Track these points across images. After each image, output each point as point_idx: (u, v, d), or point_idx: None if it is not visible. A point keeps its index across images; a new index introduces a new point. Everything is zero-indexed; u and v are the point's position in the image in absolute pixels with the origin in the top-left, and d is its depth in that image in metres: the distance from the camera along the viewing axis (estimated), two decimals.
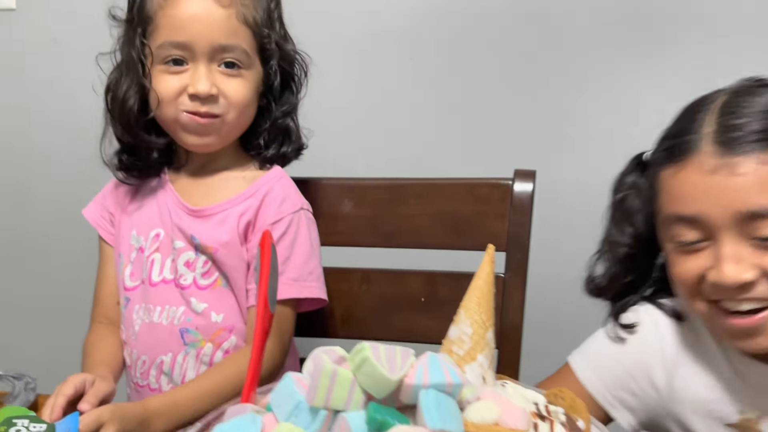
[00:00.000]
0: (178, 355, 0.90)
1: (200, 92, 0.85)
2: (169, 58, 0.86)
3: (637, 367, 0.74)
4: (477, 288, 0.51)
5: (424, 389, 0.42)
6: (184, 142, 0.90)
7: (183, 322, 0.90)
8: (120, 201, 0.98)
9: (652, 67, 1.24)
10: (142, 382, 0.93)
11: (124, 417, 0.73)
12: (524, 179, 0.94)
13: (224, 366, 0.87)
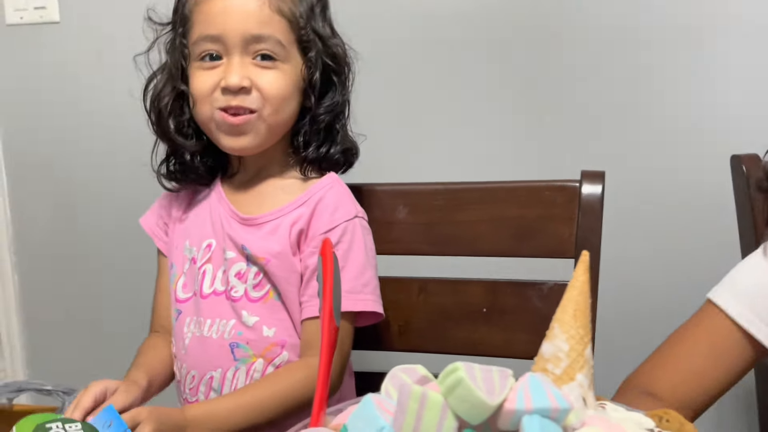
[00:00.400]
0: (228, 371, 0.87)
1: (231, 85, 0.81)
2: (205, 54, 0.84)
3: None
4: (572, 300, 0.46)
5: (527, 415, 0.37)
6: (222, 145, 0.86)
7: (233, 336, 0.87)
8: (174, 210, 0.95)
9: (726, 64, 1.17)
10: (192, 398, 0.90)
11: (161, 419, 0.71)
12: (593, 181, 0.88)
13: (269, 380, 0.83)
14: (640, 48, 1.18)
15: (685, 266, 1.15)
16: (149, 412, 0.70)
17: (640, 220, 1.18)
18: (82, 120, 1.50)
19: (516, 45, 1.23)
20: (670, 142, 1.17)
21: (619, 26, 1.18)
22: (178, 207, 0.95)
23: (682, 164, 1.16)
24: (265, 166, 0.90)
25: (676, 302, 1.15)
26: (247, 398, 0.80)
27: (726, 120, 1.16)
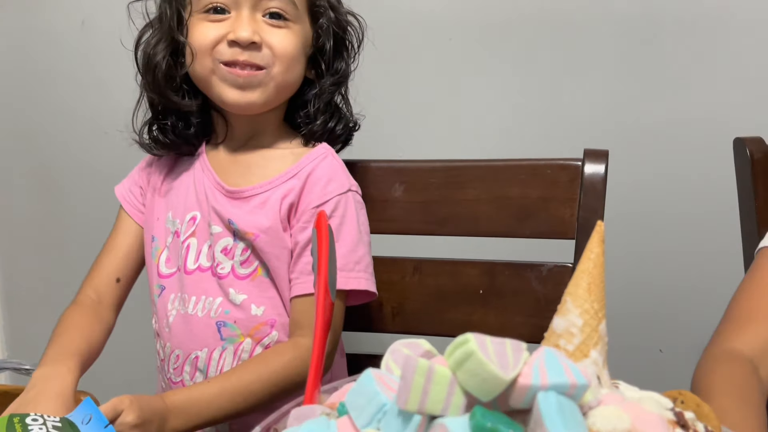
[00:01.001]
0: (215, 351, 0.84)
1: (241, 38, 0.77)
2: (210, 6, 0.80)
3: None
4: (586, 272, 0.43)
5: (542, 391, 0.34)
6: (224, 100, 0.81)
7: (220, 315, 0.83)
8: (153, 178, 0.91)
9: (732, 53, 1.15)
10: (176, 378, 0.87)
11: (143, 408, 0.68)
12: (596, 160, 0.86)
13: (256, 363, 0.79)
14: (646, 33, 1.16)
15: (681, 249, 1.13)
16: (131, 401, 0.67)
17: (639, 201, 1.16)
18: (64, 94, 1.45)
19: (519, 22, 1.19)
20: (674, 126, 1.15)
21: (627, 10, 1.16)
22: (158, 175, 0.90)
23: (684, 147, 1.14)
24: (255, 135, 0.87)
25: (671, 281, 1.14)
26: (233, 382, 0.76)
27: (730, 106, 1.14)
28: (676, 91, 1.14)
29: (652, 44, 1.15)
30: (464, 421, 0.35)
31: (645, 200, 1.15)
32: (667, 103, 1.15)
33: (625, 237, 1.13)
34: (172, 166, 0.90)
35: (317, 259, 0.54)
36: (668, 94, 1.14)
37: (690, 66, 1.15)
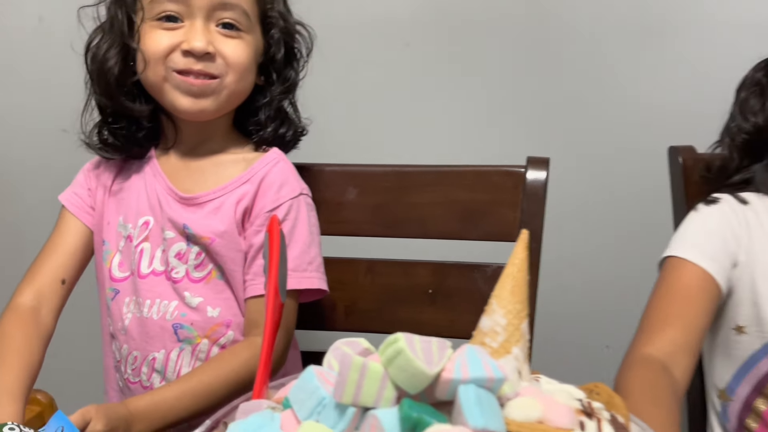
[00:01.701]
0: (172, 352, 0.85)
1: (196, 48, 0.79)
2: (163, 14, 0.80)
3: (730, 230, 0.85)
4: (510, 276, 0.47)
5: (463, 384, 0.38)
6: (176, 107, 0.82)
7: (176, 318, 0.85)
8: (103, 178, 0.91)
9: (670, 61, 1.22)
10: (134, 379, 0.88)
11: (109, 415, 0.70)
12: (538, 167, 0.91)
13: (214, 364, 0.81)
14: (590, 41, 1.22)
15: (622, 250, 1.20)
16: (96, 410, 0.69)
17: (581, 206, 1.22)
18: (20, 92, 1.44)
19: (467, 31, 1.24)
20: (614, 133, 1.21)
21: (572, 19, 1.21)
22: (108, 175, 0.91)
23: (623, 154, 1.20)
24: (205, 140, 0.88)
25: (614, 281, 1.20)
26: (193, 384, 0.78)
27: (667, 114, 1.21)
28: (615, 100, 1.21)
29: (592, 53, 1.21)
30: (394, 412, 0.39)
31: (584, 204, 1.21)
32: (607, 110, 1.21)
33: (567, 238, 1.19)
34: (121, 169, 0.91)
35: (268, 262, 0.57)
36: (608, 101, 1.21)
37: (628, 75, 1.21)
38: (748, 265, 0.84)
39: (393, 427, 0.38)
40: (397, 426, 0.38)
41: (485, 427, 0.37)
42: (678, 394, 0.71)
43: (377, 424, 0.38)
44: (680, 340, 0.76)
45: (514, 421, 0.39)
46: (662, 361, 0.74)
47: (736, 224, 0.86)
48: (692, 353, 0.77)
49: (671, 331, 0.77)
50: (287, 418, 0.42)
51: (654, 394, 0.69)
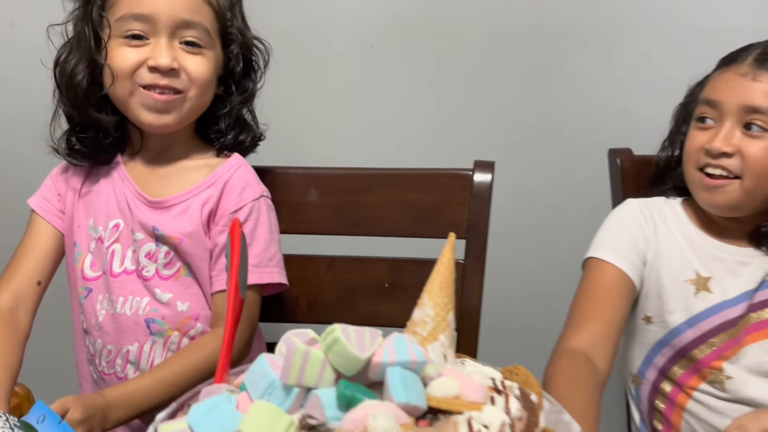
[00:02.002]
0: (145, 344, 0.91)
1: (161, 65, 0.84)
2: (129, 32, 0.85)
3: (639, 231, 0.93)
4: (439, 273, 0.54)
5: (390, 366, 0.45)
6: (141, 121, 0.88)
7: (148, 313, 0.91)
8: (73, 182, 0.96)
9: (611, 65, 1.29)
10: (109, 371, 0.94)
11: (86, 404, 0.76)
12: (483, 170, 0.98)
13: (184, 354, 0.88)
14: (536, 47, 1.28)
15: (564, 247, 1.27)
16: (74, 400, 0.74)
17: (526, 206, 1.29)
18: None
19: (420, 39, 1.29)
20: (557, 136, 1.29)
21: (514, 25, 1.28)
22: (77, 179, 0.95)
23: (565, 156, 1.28)
24: (169, 148, 0.93)
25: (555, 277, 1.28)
26: (165, 373, 0.84)
27: (608, 118, 1.28)
28: (559, 104, 1.28)
29: (538, 59, 1.28)
30: (332, 392, 0.45)
31: (528, 204, 1.28)
32: (552, 114, 1.28)
33: (511, 235, 1.26)
34: (89, 173, 0.95)
35: (230, 261, 0.63)
36: (552, 106, 1.28)
37: (571, 80, 1.28)
38: (655, 262, 0.92)
39: (331, 404, 0.45)
40: (334, 403, 0.45)
41: (408, 402, 0.44)
42: (599, 380, 0.80)
43: (318, 401, 0.45)
44: (601, 333, 0.85)
45: (434, 397, 0.46)
46: (585, 352, 0.82)
47: (645, 225, 0.94)
48: (612, 344, 0.85)
49: (592, 325, 0.85)
50: (243, 399, 0.49)
51: (576, 381, 0.76)
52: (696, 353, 0.91)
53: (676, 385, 0.93)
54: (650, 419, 0.97)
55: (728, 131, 0.87)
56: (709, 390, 0.91)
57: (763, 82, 0.85)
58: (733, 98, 0.86)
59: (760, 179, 0.86)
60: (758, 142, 0.85)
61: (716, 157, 0.87)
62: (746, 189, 0.86)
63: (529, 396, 0.52)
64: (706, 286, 0.91)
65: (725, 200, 0.88)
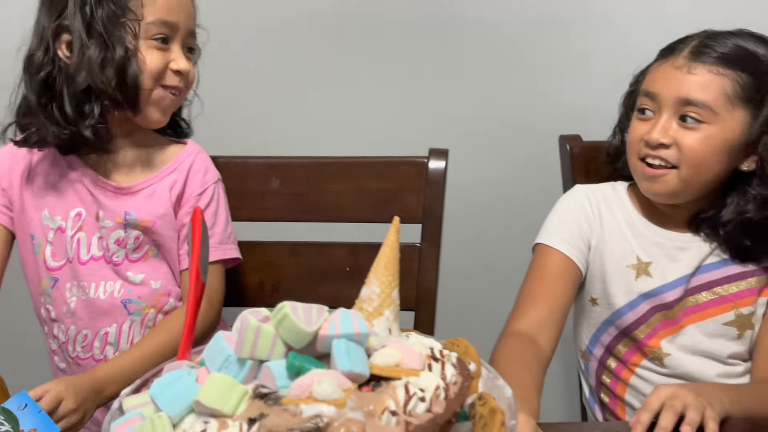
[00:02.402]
0: (123, 324, 0.96)
1: (183, 69, 0.92)
2: (159, 35, 0.91)
3: (584, 218, 0.98)
4: (384, 254, 0.59)
5: (336, 339, 0.50)
6: (149, 118, 0.94)
7: (123, 295, 0.95)
8: (15, 179, 0.98)
9: (563, 57, 1.34)
10: (85, 355, 0.97)
11: (78, 389, 0.80)
12: (438, 157, 1.03)
13: (163, 327, 0.94)
14: (488, 37, 1.32)
15: (516, 230, 1.32)
16: (65, 387, 0.78)
17: (480, 192, 1.34)
18: None
19: (375, 31, 1.32)
20: (509, 124, 1.34)
21: (472, 17, 1.31)
22: (20, 176, 0.97)
23: (517, 143, 1.33)
24: (128, 136, 0.97)
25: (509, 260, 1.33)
26: (151, 345, 0.90)
27: (557, 106, 1.33)
28: (511, 93, 1.33)
29: (490, 49, 1.32)
30: (283, 363, 0.49)
31: (483, 190, 1.33)
32: (502, 105, 1.33)
33: (466, 219, 1.31)
34: (34, 166, 0.97)
35: (191, 247, 0.67)
36: (505, 95, 1.32)
37: (523, 68, 1.33)
38: (599, 248, 0.97)
39: (282, 375, 0.49)
40: (285, 373, 0.49)
41: (351, 370, 0.48)
42: (541, 360, 0.84)
43: (270, 372, 0.49)
44: (544, 316, 0.89)
45: (376, 366, 0.50)
46: (529, 334, 0.87)
47: (590, 212, 0.98)
48: (556, 326, 0.90)
49: (537, 308, 0.90)
50: (202, 373, 0.53)
51: (519, 359, 0.81)
52: (637, 333, 0.96)
53: (621, 361, 0.99)
54: (598, 392, 1.02)
55: (665, 123, 0.89)
56: (650, 366, 0.96)
57: (697, 75, 0.87)
58: (669, 91, 0.89)
59: (695, 169, 0.89)
60: (693, 133, 0.88)
61: (655, 147, 0.90)
62: (683, 178, 0.89)
63: (467, 364, 0.56)
64: (647, 270, 0.95)
65: (664, 189, 0.91)
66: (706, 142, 0.87)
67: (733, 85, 0.86)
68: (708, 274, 0.94)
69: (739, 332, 0.94)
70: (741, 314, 0.94)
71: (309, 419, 0.44)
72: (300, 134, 1.33)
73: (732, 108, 0.87)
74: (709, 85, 0.87)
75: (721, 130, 0.87)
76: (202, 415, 0.49)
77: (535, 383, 0.78)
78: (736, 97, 0.87)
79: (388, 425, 0.46)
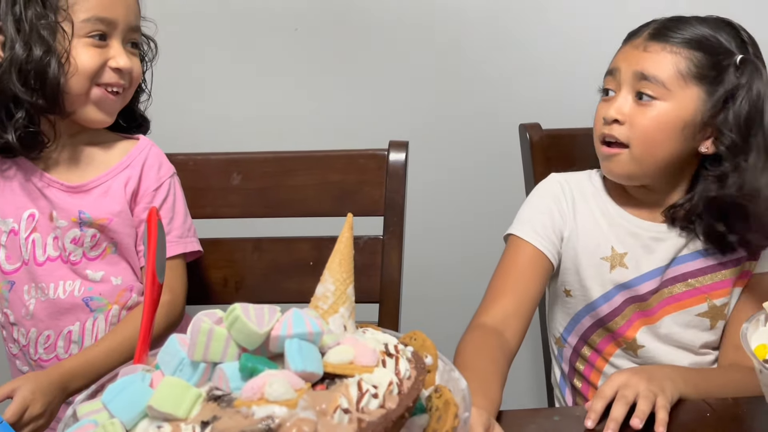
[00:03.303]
0: (87, 322, 0.95)
1: (123, 66, 0.90)
2: (95, 33, 0.89)
3: (557, 208, 0.97)
4: (338, 251, 0.59)
5: (288, 339, 0.50)
6: (88, 118, 0.92)
7: (84, 293, 0.95)
8: None
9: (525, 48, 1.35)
10: (47, 356, 0.96)
11: (44, 389, 0.80)
12: (398, 149, 1.03)
13: (129, 322, 0.94)
14: (446, 31, 1.33)
15: (479, 220, 1.34)
16: (32, 391, 0.79)
17: (442, 182, 1.35)
18: None
19: (335, 24, 1.32)
20: (470, 114, 1.34)
21: (425, 11, 1.32)
22: None
23: (478, 133, 1.34)
24: (76, 134, 0.95)
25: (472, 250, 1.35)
26: (118, 339, 0.90)
27: (517, 95, 1.34)
28: (468, 85, 1.33)
29: (448, 42, 1.33)
30: (236, 365, 0.50)
31: (444, 180, 1.34)
32: (461, 96, 1.34)
33: (429, 210, 1.32)
34: None
35: (147, 248, 0.66)
36: (462, 88, 1.33)
37: (482, 58, 1.33)
38: (572, 239, 0.97)
39: (235, 376, 0.49)
40: (238, 375, 0.49)
41: (304, 369, 0.49)
42: (506, 352, 0.85)
43: (223, 374, 0.49)
44: (512, 309, 0.90)
45: (330, 364, 0.51)
46: (495, 326, 0.87)
47: (564, 202, 0.98)
48: (523, 319, 0.90)
49: (504, 301, 0.90)
50: (156, 376, 0.53)
51: (482, 351, 0.82)
52: (612, 325, 0.97)
53: (595, 350, 1.00)
54: (570, 378, 1.04)
55: (622, 99, 0.90)
56: (624, 356, 0.97)
57: (652, 52, 0.89)
58: (627, 66, 0.90)
59: (646, 147, 0.89)
60: (647, 110, 0.88)
61: (610, 124, 0.91)
62: (635, 157, 0.90)
63: (423, 358, 0.57)
64: (622, 261, 0.95)
65: (619, 169, 0.92)
66: (657, 119, 0.88)
67: (687, 63, 0.88)
68: (682, 266, 0.95)
69: (712, 323, 0.96)
70: (714, 305, 0.95)
71: (260, 420, 0.45)
72: (259, 128, 1.32)
73: (685, 85, 0.88)
74: (662, 62, 0.88)
75: (674, 107, 0.88)
76: (155, 420, 0.48)
77: (499, 375, 0.79)
78: (689, 75, 0.88)
79: (340, 423, 0.46)
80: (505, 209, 1.06)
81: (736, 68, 0.87)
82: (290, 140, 1.15)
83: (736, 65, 0.87)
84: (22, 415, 0.77)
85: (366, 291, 1.01)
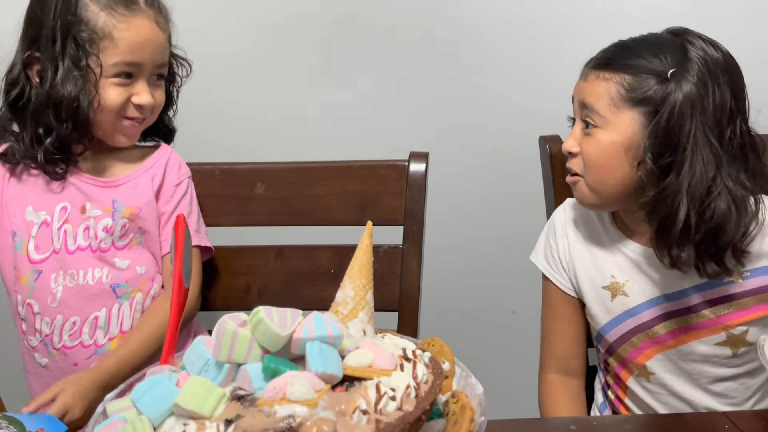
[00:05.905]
0: (113, 308, 1.01)
1: (144, 104, 0.98)
2: (121, 73, 0.97)
3: (554, 241, 0.99)
4: (358, 258, 0.60)
5: (309, 341, 0.52)
6: (114, 142, 1.02)
7: (112, 280, 1.01)
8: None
9: (538, 59, 1.36)
10: (72, 343, 1.01)
11: (85, 391, 0.87)
12: (418, 160, 1.05)
13: (153, 313, 1.00)
14: (471, 42, 1.35)
15: (499, 230, 1.35)
16: (72, 396, 0.86)
17: (462, 193, 1.36)
18: None
19: (357, 34, 1.34)
20: (490, 126, 1.36)
21: (446, 20, 1.33)
22: (0, 176, 1.02)
23: (497, 144, 1.35)
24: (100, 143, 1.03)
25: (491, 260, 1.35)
26: (148, 331, 0.97)
27: (537, 107, 1.34)
28: (489, 96, 1.34)
29: (472, 53, 1.34)
30: (259, 366, 0.51)
31: (464, 191, 1.35)
32: (482, 107, 1.35)
33: (448, 220, 1.33)
34: (13, 167, 1.02)
35: (174, 253, 0.68)
36: (483, 99, 1.34)
37: (503, 70, 1.34)
38: (572, 269, 0.97)
39: (258, 377, 0.51)
40: (261, 376, 0.51)
41: (324, 371, 0.50)
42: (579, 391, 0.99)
43: (246, 375, 0.51)
44: (564, 352, 0.99)
45: (350, 366, 0.52)
46: (561, 375, 0.99)
47: (559, 234, 0.99)
48: (578, 354, 1.00)
49: (556, 349, 1.00)
50: (183, 377, 0.55)
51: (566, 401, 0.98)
52: (621, 351, 0.96)
53: (614, 374, 0.99)
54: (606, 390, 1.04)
55: (576, 132, 0.91)
56: (637, 382, 0.96)
57: (590, 81, 0.89)
58: (576, 96, 0.91)
59: (596, 176, 0.89)
60: (591, 139, 0.88)
61: (567, 157, 0.93)
62: (589, 185, 0.90)
63: (441, 363, 0.59)
64: (623, 290, 0.94)
65: (580, 197, 0.93)
66: (599, 147, 0.88)
67: (617, 88, 0.86)
68: (691, 297, 0.91)
69: (733, 350, 0.92)
70: (732, 335, 0.91)
71: (282, 419, 0.46)
72: (281, 139, 1.35)
73: (618, 111, 0.86)
74: (596, 90, 0.88)
75: (611, 133, 0.87)
76: (181, 418, 0.51)
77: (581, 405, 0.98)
78: (620, 99, 0.86)
79: (359, 424, 0.48)
80: (524, 221, 1.07)
81: (662, 83, 0.84)
82: (311, 150, 1.17)
83: (663, 80, 0.85)
84: (62, 418, 0.82)
85: (385, 300, 1.03)
